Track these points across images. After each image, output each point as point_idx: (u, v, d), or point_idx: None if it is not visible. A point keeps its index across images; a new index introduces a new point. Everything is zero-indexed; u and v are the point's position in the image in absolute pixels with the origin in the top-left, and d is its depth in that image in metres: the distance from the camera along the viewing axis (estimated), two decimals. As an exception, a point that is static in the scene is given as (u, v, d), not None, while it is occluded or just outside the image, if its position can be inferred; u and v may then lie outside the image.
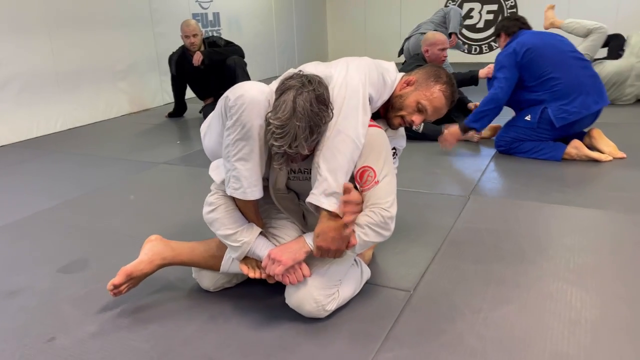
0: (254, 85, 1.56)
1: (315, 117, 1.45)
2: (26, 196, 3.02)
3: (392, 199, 1.59)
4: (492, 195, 2.71)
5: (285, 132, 1.43)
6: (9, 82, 4.26)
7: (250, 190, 1.58)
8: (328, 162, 1.52)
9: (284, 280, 1.57)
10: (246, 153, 1.54)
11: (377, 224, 1.56)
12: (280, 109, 1.44)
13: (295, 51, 8.43)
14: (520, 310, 1.68)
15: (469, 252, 2.09)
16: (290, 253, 1.57)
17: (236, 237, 1.63)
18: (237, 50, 4.76)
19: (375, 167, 1.58)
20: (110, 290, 1.72)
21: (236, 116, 1.52)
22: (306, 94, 1.45)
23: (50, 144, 4.30)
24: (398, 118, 1.80)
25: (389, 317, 1.66)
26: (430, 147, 3.66)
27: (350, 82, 1.60)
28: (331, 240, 1.53)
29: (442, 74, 1.80)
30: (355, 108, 1.57)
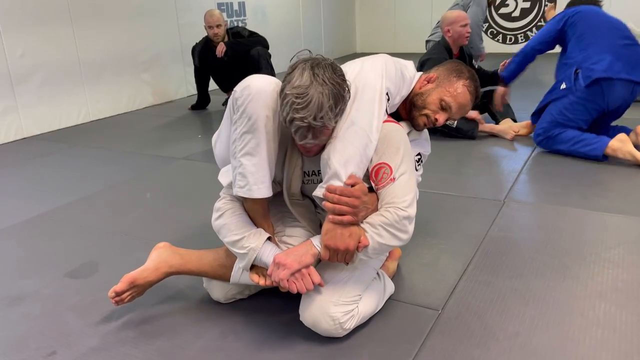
0: (262, 77, 1.45)
1: (339, 85, 1.34)
2: (41, 192, 2.95)
3: (410, 198, 1.43)
4: (529, 199, 2.51)
5: (307, 100, 1.30)
6: (32, 74, 4.22)
7: (256, 188, 1.45)
8: (339, 154, 1.39)
9: (290, 288, 1.41)
10: (252, 147, 1.42)
11: (391, 225, 1.40)
12: (296, 79, 1.32)
13: (322, 42, 8.25)
14: (562, 336, 1.50)
15: (504, 265, 1.91)
16: (295, 256, 1.42)
17: (242, 244, 1.49)
18: (261, 41, 4.63)
19: (392, 164, 1.45)
20: (112, 298, 1.61)
21: (242, 107, 1.40)
22: (324, 64, 1.34)
23: (72, 136, 4.25)
24: (423, 117, 1.68)
25: (414, 341, 1.50)
26: (463, 145, 3.46)
27: (366, 75, 1.50)
28: (340, 237, 1.37)
29: (463, 69, 1.70)
30: (371, 101, 1.46)
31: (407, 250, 2.04)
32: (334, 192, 1.37)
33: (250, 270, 1.52)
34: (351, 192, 1.37)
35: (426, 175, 2.87)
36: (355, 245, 1.38)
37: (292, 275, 1.42)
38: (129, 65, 5.07)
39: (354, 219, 1.38)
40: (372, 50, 9.26)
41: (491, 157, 3.22)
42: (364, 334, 1.54)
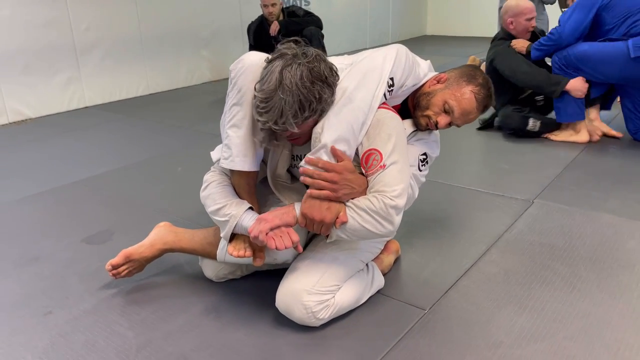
0: (258, 53, 1.46)
1: (307, 93, 1.31)
2: (85, 160, 3.12)
3: (401, 188, 1.38)
4: (561, 201, 2.34)
5: (269, 106, 1.31)
6: (95, 46, 4.46)
7: (239, 160, 1.46)
8: (332, 130, 1.38)
9: (268, 243, 1.39)
10: (239, 119, 1.44)
11: (376, 212, 1.36)
12: (266, 80, 1.32)
13: (389, 23, 8.05)
14: (551, 351, 1.40)
15: (510, 268, 1.80)
16: (277, 213, 1.42)
17: (224, 211, 1.50)
18: (315, 20, 4.60)
19: (382, 150, 1.40)
20: (109, 271, 1.69)
21: (234, 80, 1.44)
22: (296, 66, 1.31)
23: (130, 108, 4.46)
24: (425, 118, 1.63)
25: (389, 338, 1.46)
26: (505, 138, 3.27)
27: (374, 58, 1.50)
28: (317, 208, 1.37)
29: (477, 75, 1.63)
30: (372, 80, 1.44)
31: (410, 244, 1.98)
32: (315, 165, 1.37)
33: (229, 242, 1.53)
34: (332, 167, 1.36)
35: (454, 168, 2.79)
36: (331, 219, 1.37)
37: (272, 230, 1.40)
38: (188, 41, 5.22)
39: (333, 195, 1.36)
40: (443, 33, 8.94)
41: (536, 152, 3.03)
42: (341, 326, 1.51)
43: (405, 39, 8.36)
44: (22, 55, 4.00)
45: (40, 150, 3.34)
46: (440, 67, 1.94)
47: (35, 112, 4.17)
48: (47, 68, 4.18)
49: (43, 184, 2.72)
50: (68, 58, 4.29)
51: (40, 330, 1.55)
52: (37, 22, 4.04)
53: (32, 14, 4.00)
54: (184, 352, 1.43)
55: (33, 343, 1.49)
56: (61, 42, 4.22)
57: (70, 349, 1.46)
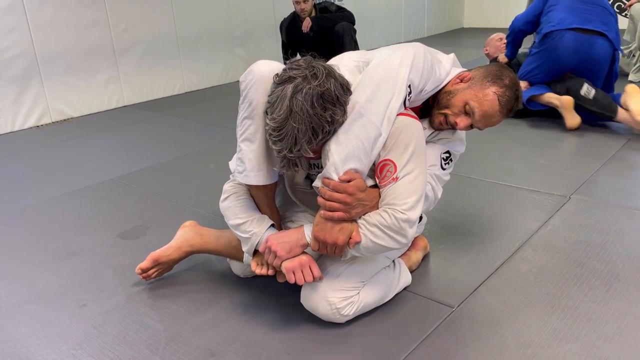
0: (268, 63, 1.42)
1: (319, 118, 1.26)
2: (123, 157, 3.22)
3: (413, 201, 1.34)
4: (599, 197, 2.25)
5: (282, 134, 1.27)
6: (133, 47, 4.57)
7: (253, 174, 1.45)
8: (341, 147, 1.33)
9: (288, 278, 1.40)
10: (251, 133, 1.42)
11: (389, 227, 1.33)
12: (276, 107, 1.28)
13: (425, 17, 7.93)
14: (584, 352, 1.35)
15: (543, 267, 1.75)
16: (286, 244, 1.40)
17: (245, 228, 1.50)
18: (347, 16, 4.58)
19: (397, 162, 1.35)
20: (139, 274, 1.74)
21: (244, 93, 1.41)
22: (307, 90, 1.25)
23: (166, 106, 4.56)
24: (440, 116, 1.55)
25: (415, 336, 1.45)
26: (541, 131, 3.18)
27: (388, 64, 1.41)
28: (329, 231, 1.34)
29: (504, 75, 1.53)
30: (386, 91, 1.36)
31: (440, 240, 1.95)
32: (327, 187, 1.33)
33: (252, 256, 1.53)
34: (344, 189, 1.31)
35: (487, 162, 2.72)
36: (344, 240, 1.34)
37: (293, 262, 1.40)
38: (223, 40, 5.28)
39: (345, 216, 1.33)
40: (481, 26, 8.74)
41: (571, 148, 2.93)
42: (366, 323, 1.51)
43: (442, 32, 8.22)
44: (65, 56, 4.14)
45: (81, 148, 3.46)
46: (478, 62, 1.89)
47: (77, 112, 4.31)
48: (88, 68, 4.31)
49: (83, 180, 2.82)
50: (107, 58, 4.42)
51: (75, 322, 1.60)
52: (78, 24, 4.18)
53: (73, 16, 4.14)
54: (210, 346, 1.46)
55: (68, 334, 1.55)
56: (101, 43, 4.35)
57: (103, 341, 1.51)
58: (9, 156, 3.37)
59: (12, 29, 3.84)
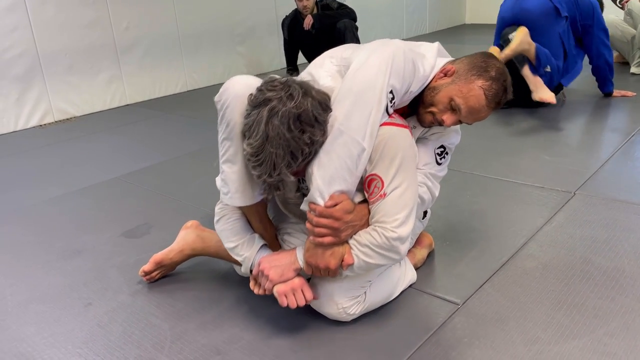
0: (242, 80, 1.37)
1: (296, 142, 1.22)
2: (125, 156, 3.22)
3: (403, 216, 1.31)
4: (604, 193, 2.24)
5: (260, 160, 1.24)
6: (135, 45, 4.57)
7: (237, 196, 1.41)
8: (324, 170, 1.29)
9: (280, 302, 1.40)
10: (232, 154, 1.38)
11: (379, 246, 1.31)
12: (253, 132, 1.24)
13: (427, 12, 7.90)
14: (591, 349, 1.35)
15: (549, 263, 1.74)
16: (278, 268, 1.39)
17: (238, 251, 1.49)
18: (348, 13, 4.58)
19: (384, 177, 1.31)
20: (142, 277, 1.75)
21: (221, 113, 1.36)
22: (283, 113, 1.21)
23: (169, 104, 4.55)
24: (429, 115, 1.48)
25: (421, 333, 1.44)
26: (545, 127, 3.17)
27: (365, 73, 1.34)
28: (320, 256, 1.33)
29: (490, 67, 1.44)
30: (365, 103, 1.30)
31: (445, 237, 1.94)
32: (314, 212, 1.31)
33: (250, 275, 1.50)
34: (330, 214, 1.29)
35: (491, 159, 2.71)
36: (336, 264, 1.33)
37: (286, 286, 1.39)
38: (225, 38, 5.27)
39: (335, 240, 1.32)
40: (483, 22, 8.71)
41: (575, 143, 2.92)
42: (372, 320, 1.50)
43: (443, 29, 8.19)
44: (66, 55, 4.14)
45: (84, 147, 3.46)
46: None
47: (80, 111, 4.31)
48: (90, 67, 4.31)
49: (86, 180, 2.82)
50: (109, 57, 4.42)
51: (80, 321, 1.60)
52: (79, 23, 4.18)
53: (75, 15, 4.14)
54: (216, 344, 1.46)
55: (74, 333, 1.55)
56: (103, 42, 4.35)
57: (108, 340, 1.51)
58: (12, 156, 3.38)
59: (14, 29, 3.84)
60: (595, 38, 3.40)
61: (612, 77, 3.59)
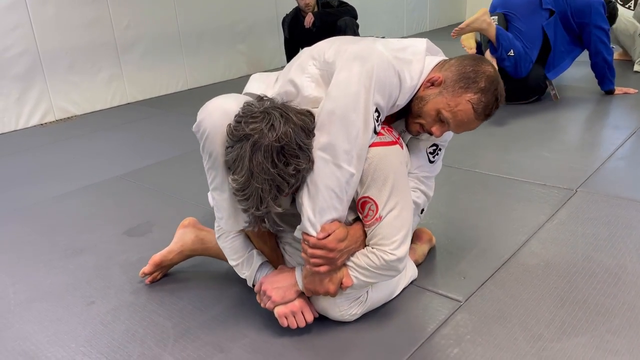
0: (219, 105, 1.32)
1: (281, 175, 1.20)
2: (128, 154, 3.22)
3: (401, 237, 1.31)
4: (606, 190, 2.25)
5: (247, 195, 1.22)
6: (135, 44, 4.56)
7: (231, 222, 1.41)
8: (313, 201, 1.27)
9: (281, 322, 1.41)
10: (219, 183, 1.37)
11: (378, 267, 1.32)
12: (237, 167, 1.22)
13: (427, 10, 7.89)
14: (594, 345, 1.35)
15: (551, 260, 1.75)
16: (280, 290, 1.40)
17: (239, 270, 1.52)
18: (349, 10, 4.56)
19: (378, 200, 1.30)
20: (143, 278, 1.76)
21: (201, 143, 1.35)
22: (266, 147, 1.18)
23: (170, 103, 4.55)
24: (416, 125, 1.44)
25: (423, 331, 1.44)
26: (550, 122, 3.17)
27: (347, 94, 1.26)
28: (318, 282, 1.35)
29: (480, 76, 1.36)
30: (351, 127, 1.25)
31: (446, 235, 1.95)
32: (307, 242, 1.30)
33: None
34: (324, 245, 1.28)
35: (492, 156, 2.71)
36: (336, 289, 1.35)
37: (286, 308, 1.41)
38: (225, 36, 5.27)
39: (331, 268, 1.32)
40: (483, 19, 8.69)
41: (577, 140, 2.92)
42: (374, 318, 1.50)
43: (444, 27, 8.18)
44: (67, 54, 4.14)
45: (85, 146, 3.46)
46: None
47: (80, 109, 4.31)
48: (91, 66, 4.31)
49: (88, 178, 2.82)
50: (110, 56, 4.42)
51: (83, 320, 1.61)
52: (80, 22, 4.17)
53: (75, 14, 4.13)
54: (219, 342, 1.46)
55: (77, 332, 1.55)
56: (103, 41, 4.35)
57: (112, 338, 1.51)
58: (14, 154, 3.38)
59: (15, 27, 3.83)
60: (592, 36, 3.42)
61: (611, 75, 3.59)
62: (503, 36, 3.33)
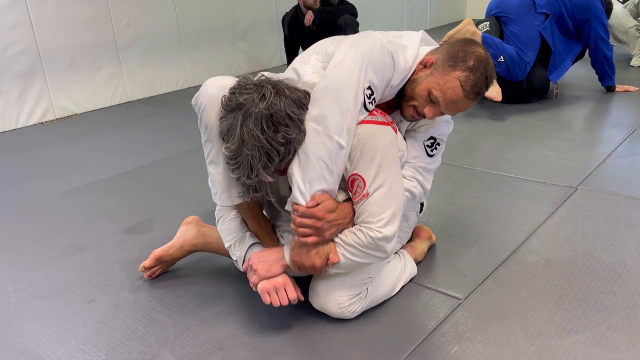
0: (217, 81, 1.37)
1: (270, 142, 1.23)
2: (128, 152, 3.22)
3: (388, 216, 1.31)
4: (606, 188, 2.25)
5: (238, 163, 1.26)
6: (135, 42, 4.56)
7: (224, 196, 1.44)
8: (304, 170, 1.29)
9: (263, 299, 1.40)
10: (214, 155, 1.41)
11: (365, 246, 1.32)
12: (230, 136, 1.26)
13: (427, 8, 7.89)
14: (594, 343, 1.35)
15: (551, 258, 1.75)
16: (266, 263, 1.40)
17: (232, 251, 1.52)
18: (349, 8, 4.56)
19: (366, 176, 1.31)
20: (143, 272, 1.76)
21: (198, 116, 1.39)
22: (256, 114, 1.22)
23: (169, 101, 4.55)
24: (410, 108, 1.47)
25: (423, 328, 1.45)
26: (549, 120, 3.17)
27: (341, 70, 1.32)
28: (305, 254, 1.34)
29: (468, 56, 1.39)
30: (341, 101, 1.29)
31: (446, 232, 1.95)
32: (296, 212, 1.31)
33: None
34: (312, 214, 1.29)
35: (493, 154, 2.71)
36: (322, 263, 1.34)
37: (269, 283, 1.39)
38: (225, 34, 5.27)
39: (319, 239, 1.32)
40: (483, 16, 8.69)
41: (576, 139, 2.92)
42: (374, 316, 1.51)
43: (444, 24, 8.18)
44: (67, 52, 4.14)
45: (86, 144, 3.46)
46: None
47: (80, 108, 4.32)
48: (91, 64, 4.31)
49: (88, 176, 2.82)
50: (110, 54, 4.42)
51: (83, 317, 1.61)
52: (80, 20, 4.17)
53: (75, 12, 4.13)
54: (219, 340, 1.46)
55: (77, 329, 1.55)
56: (103, 39, 4.35)
57: (112, 336, 1.51)
58: (14, 153, 3.38)
59: (15, 26, 3.84)
60: (592, 31, 3.43)
61: (611, 71, 3.60)
62: (490, 44, 3.34)
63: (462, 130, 3.08)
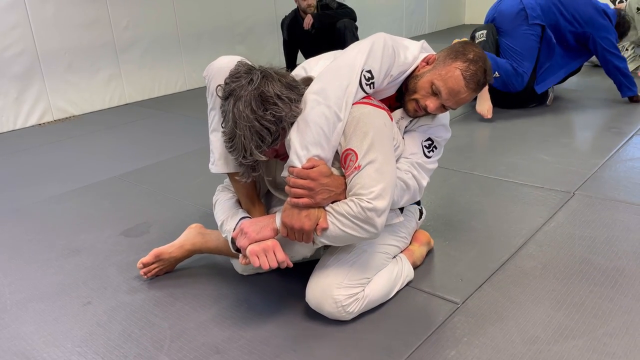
0: (228, 57, 1.49)
1: (259, 121, 1.30)
2: (126, 155, 3.21)
3: (380, 189, 1.32)
4: (604, 193, 2.25)
5: (233, 145, 1.35)
6: (134, 44, 4.56)
7: (220, 163, 1.52)
8: (302, 135, 1.34)
9: (252, 261, 1.40)
10: (217, 123, 1.48)
11: (355, 216, 1.32)
12: (225, 121, 1.36)
13: (426, 13, 7.91)
14: (591, 348, 1.35)
15: (548, 263, 1.75)
16: (256, 227, 1.42)
17: (224, 227, 1.54)
18: (348, 12, 4.56)
19: (358, 150, 1.35)
20: (140, 269, 1.75)
21: (207, 86, 1.50)
22: (245, 97, 1.30)
23: (168, 103, 4.55)
24: (412, 102, 1.54)
25: (420, 332, 1.44)
26: (547, 126, 3.17)
27: (345, 56, 1.45)
28: (296, 216, 1.35)
29: (467, 50, 1.50)
30: (342, 77, 1.39)
31: (444, 237, 1.94)
32: (292, 174, 1.35)
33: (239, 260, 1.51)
34: (307, 174, 1.32)
35: (491, 159, 2.72)
36: (311, 226, 1.34)
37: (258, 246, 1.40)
38: (224, 37, 5.27)
39: (311, 202, 1.34)
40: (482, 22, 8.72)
41: (574, 144, 2.92)
42: (371, 320, 1.50)
43: (443, 29, 8.20)
44: (66, 54, 4.14)
45: (83, 146, 3.45)
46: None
47: (79, 110, 4.31)
48: (89, 66, 4.30)
49: (86, 178, 2.82)
50: (109, 56, 4.41)
51: (79, 320, 1.60)
52: (79, 22, 4.17)
53: (74, 14, 4.13)
54: (215, 343, 1.45)
55: (73, 332, 1.54)
56: (102, 41, 4.34)
57: (108, 338, 1.50)
58: (12, 154, 3.37)
59: (14, 27, 3.83)
60: (598, 46, 3.41)
61: (629, 82, 3.51)
62: None
63: (460, 135, 3.09)
